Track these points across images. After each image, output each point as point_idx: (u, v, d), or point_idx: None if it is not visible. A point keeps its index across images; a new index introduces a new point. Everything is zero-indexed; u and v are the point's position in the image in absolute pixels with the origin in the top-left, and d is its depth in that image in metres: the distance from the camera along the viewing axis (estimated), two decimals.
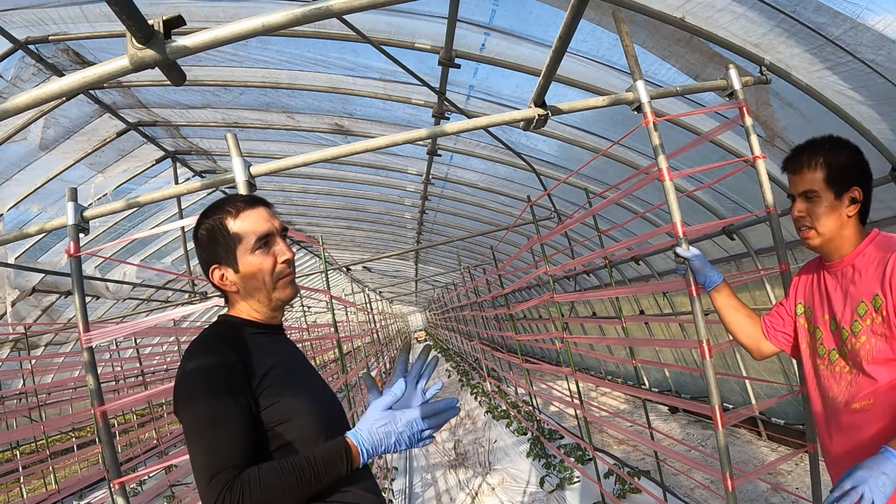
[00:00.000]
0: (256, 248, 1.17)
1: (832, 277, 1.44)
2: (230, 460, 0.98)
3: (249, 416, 1.04)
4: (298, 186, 7.11)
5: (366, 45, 3.30)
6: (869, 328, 1.31)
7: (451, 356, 17.63)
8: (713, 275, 1.73)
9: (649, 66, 2.94)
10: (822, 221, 1.40)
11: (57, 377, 8.85)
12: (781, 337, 1.61)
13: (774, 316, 1.64)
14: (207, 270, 1.20)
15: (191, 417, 1.03)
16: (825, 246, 1.43)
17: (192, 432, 1.02)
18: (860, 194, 1.39)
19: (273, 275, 1.19)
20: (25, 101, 1.27)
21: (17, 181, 4.90)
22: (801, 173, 1.43)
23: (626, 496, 4.09)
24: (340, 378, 4.13)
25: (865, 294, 1.32)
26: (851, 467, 1.12)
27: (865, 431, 1.32)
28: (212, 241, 1.18)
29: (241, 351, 1.09)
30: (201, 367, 1.06)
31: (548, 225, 5.57)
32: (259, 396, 1.07)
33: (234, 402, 1.03)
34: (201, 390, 1.03)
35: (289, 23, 1.20)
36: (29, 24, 3.34)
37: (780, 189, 3.36)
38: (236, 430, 1.01)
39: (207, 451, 0.99)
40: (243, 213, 1.18)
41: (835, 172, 1.38)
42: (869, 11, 2.07)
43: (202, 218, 1.22)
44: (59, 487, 6.23)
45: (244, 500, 0.94)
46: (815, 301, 1.49)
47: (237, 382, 1.05)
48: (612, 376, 8.50)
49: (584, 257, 3.61)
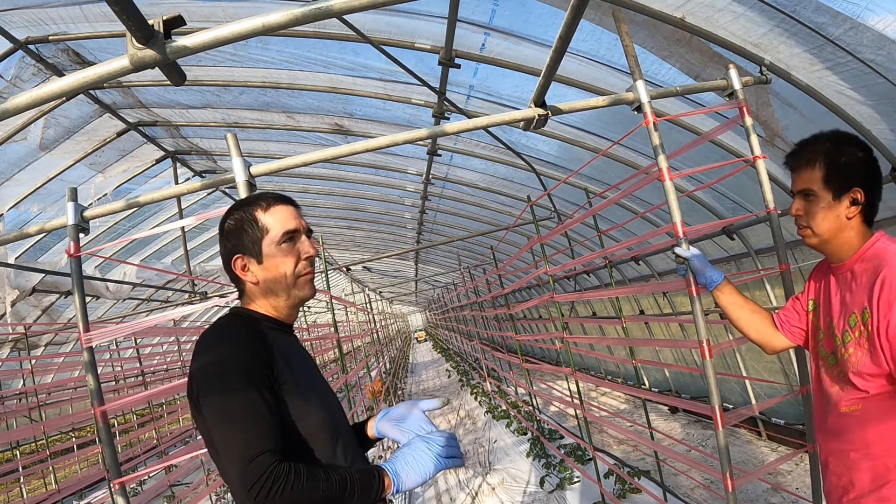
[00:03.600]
0: (282, 242, 1.18)
1: (835, 280, 1.41)
2: (269, 444, 0.96)
3: (276, 408, 1.03)
4: (298, 186, 7.12)
5: (366, 45, 3.30)
6: (856, 340, 1.28)
7: (450, 356, 17.63)
8: (714, 274, 1.71)
9: (649, 66, 2.94)
10: (819, 222, 1.35)
11: (57, 377, 8.86)
12: (796, 331, 1.58)
13: (789, 310, 1.60)
14: (230, 260, 1.20)
15: (219, 404, 1.00)
16: (823, 247, 1.40)
17: (222, 419, 0.99)
18: (862, 196, 1.31)
19: (295, 271, 1.19)
20: (25, 101, 1.27)
21: (17, 181, 4.91)
22: (799, 171, 1.38)
23: (626, 496, 4.09)
24: (340, 378, 4.13)
25: (857, 305, 1.29)
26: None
27: (852, 434, 1.32)
28: (239, 230, 1.19)
29: (263, 343, 1.09)
30: (227, 354, 1.04)
31: (548, 225, 5.57)
32: (279, 391, 1.07)
33: (262, 391, 1.01)
34: (229, 378, 1.01)
35: (289, 23, 1.20)
36: (29, 24, 3.34)
37: (780, 189, 3.36)
38: (269, 418, 0.99)
39: (243, 436, 0.96)
40: (274, 207, 1.20)
41: (834, 172, 1.32)
42: (869, 11, 2.07)
43: (231, 210, 1.23)
44: (59, 487, 6.22)
45: (285, 488, 0.92)
46: (821, 301, 1.47)
47: (262, 373, 1.04)
48: (612, 376, 8.50)
49: (584, 257, 3.61)
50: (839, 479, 1.37)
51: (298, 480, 0.94)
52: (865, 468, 1.29)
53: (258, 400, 1.00)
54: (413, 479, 1.09)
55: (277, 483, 0.92)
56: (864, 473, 1.30)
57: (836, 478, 1.39)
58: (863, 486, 1.30)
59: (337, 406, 1.25)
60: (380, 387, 9.09)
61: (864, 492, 1.30)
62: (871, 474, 1.28)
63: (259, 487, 0.91)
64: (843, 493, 1.35)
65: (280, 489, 0.92)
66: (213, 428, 1.01)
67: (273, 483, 0.92)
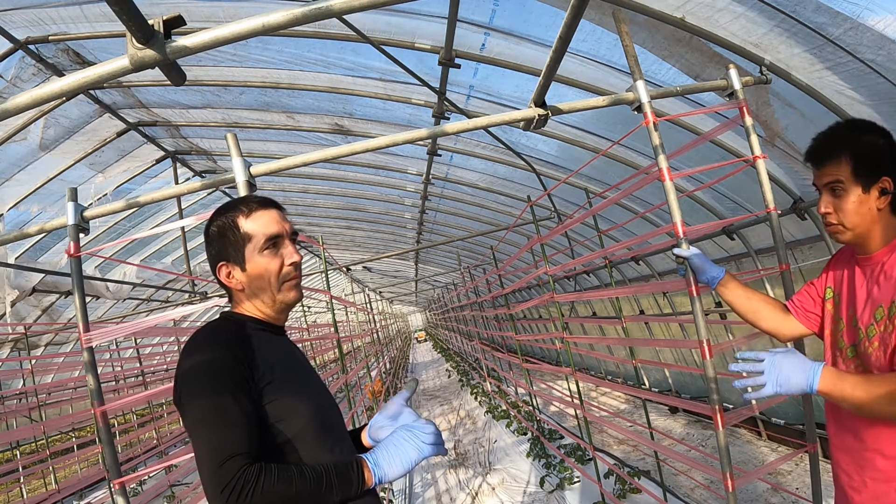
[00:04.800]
0: (265, 249, 1.18)
1: (861, 271, 1.37)
2: (241, 447, 0.97)
3: (253, 412, 1.04)
4: (298, 186, 7.12)
5: (366, 45, 3.30)
6: (881, 335, 1.25)
7: (451, 356, 17.63)
8: (715, 271, 1.70)
9: (649, 66, 2.94)
10: (850, 216, 1.30)
11: (57, 377, 8.86)
12: (812, 317, 1.53)
13: (804, 295, 1.56)
14: (215, 267, 1.21)
15: (196, 409, 1.02)
16: (856, 241, 1.35)
17: (198, 422, 1.01)
18: (891, 184, 1.27)
19: (279, 276, 1.19)
20: (25, 101, 1.27)
21: (17, 181, 4.91)
22: (824, 165, 1.32)
23: (626, 496, 4.09)
24: (340, 378, 4.13)
25: (885, 299, 1.25)
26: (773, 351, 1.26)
27: (867, 433, 1.30)
28: (222, 237, 1.19)
29: (244, 347, 1.09)
30: (206, 360, 1.06)
31: (548, 225, 5.57)
32: (260, 393, 1.07)
33: (237, 396, 1.02)
34: (206, 383, 1.03)
35: (289, 23, 1.20)
36: (29, 24, 3.34)
37: (781, 189, 3.36)
38: (244, 422, 1.01)
39: (216, 439, 0.97)
40: (255, 213, 1.19)
41: (862, 163, 1.27)
42: (869, 11, 2.07)
43: (215, 215, 1.22)
44: (59, 487, 6.23)
45: (256, 489, 0.93)
46: (843, 291, 1.42)
47: (240, 377, 1.04)
48: (612, 376, 8.50)
49: (584, 257, 3.61)
50: (850, 479, 1.34)
51: (269, 481, 0.94)
52: (880, 468, 1.26)
53: (231, 404, 1.01)
54: (395, 469, 1.08)
55: (248, 485, 0.93)
56: (877, 473, 1.27)
57: (846, 476, 1.36)
58: (875, 488, 1.27)
59: (330, 406, 1.25)
60: (380, 387, 9.09)
61: (876, 493, 1.27)
62: (886, 474, 1.25)
63: (230, 491, 0.92)
64: (855, 492, 1.33)
65: (250, 491, 0.93)
66: (188, 432, 1.04)
67: (244, 485, 0.93)
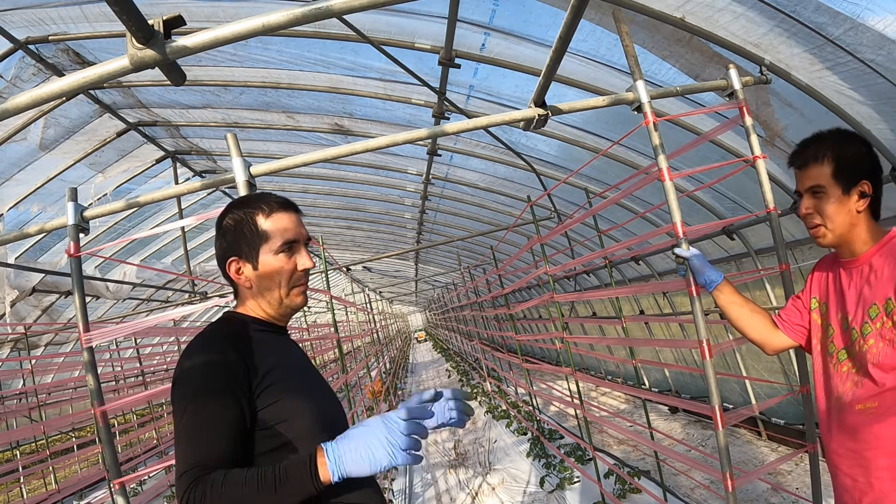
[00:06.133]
0: (280, 251, 1.17)
1: (847, 275, 1.40)
2: (203, 459, 0.97)
3: (240, 418, 1.02)
4: (298, 186, 7.12)
5: (366, 45, 3.30)
6: (878, 332, 1.27)
7: (450, 356, 17.63)
8: (713, 274, 1.71)
9: (649, 66, 2.94)
10: (831, 218, 1.35)
11: (57, 377, 8.86)
12: (798, 330, 1.56)
13: (790, 309, 1.59)
14: (224, 260, 1.19)
15: (179, 413, 1.03)
16: (838, 243, 1.39)
17: (178, 427, 1.02)
18: (870, 188, 1.33)
19: (290, 280, 1.19)
20: (25, 101, 1.27)
21: (17, 181, 4.91)
22: (807, 168, 1.38)
23: (626, 496, 4.09)
24: (340, 378, 4.13)
25: (879, 296, 1.28)
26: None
27: (868, 432, 1.30)
28: (237, 232, 1.17)
29: (243, 348, 1.09)
30: (199, 364, 1.06)
31: (548, 225, 5.57)
32: (259, 395, 1.06)
33: (224, 402, 1.02)
34: (194, 388, 1.03)
35: (289, 23, 1.20)
36: (29, 24, 3.34)
37: (780, 189, 3.36)
38: (220, 430, 1.00)
39: (187, 448, 0.99)
40: (276, 213, 1.18)
41: (842, 166, 1.33)
42: (869, 11, 2.07)
43: (231, 207, 1.20)
44: (59, 487, 6.23)
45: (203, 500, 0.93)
46: (829, 298, 1.45)
47: (232, 382, 1.04)
48: (612, 376, 8.50)
49: (584, 257, 3.61)
50: (854, 482, 1.34)
51: (215, 491, 0.94)
52: (884, 467, 1.26)
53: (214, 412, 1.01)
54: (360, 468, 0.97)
55: (195, 497, 0.94)
56: (882, 472, 1.27)
57: (849, 480, 1.35)
58: (882, 487, 1.27)
59: (333, 405, 1.24)
60: (380, 387, 9.09)
61: (884, 493, 1.27)
62: (891, 473, 1.25)
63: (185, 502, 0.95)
64: (861, 494, 1.32)
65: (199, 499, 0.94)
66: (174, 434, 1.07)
67: (191, 497, 0.94)
